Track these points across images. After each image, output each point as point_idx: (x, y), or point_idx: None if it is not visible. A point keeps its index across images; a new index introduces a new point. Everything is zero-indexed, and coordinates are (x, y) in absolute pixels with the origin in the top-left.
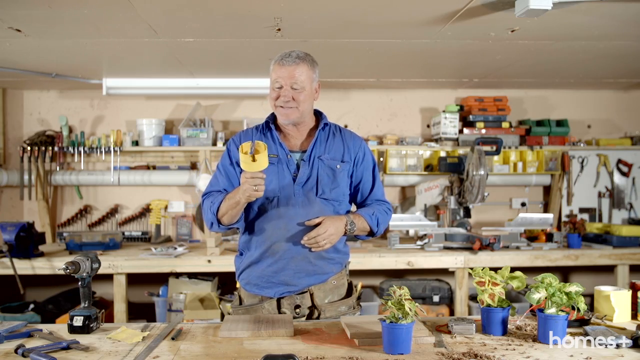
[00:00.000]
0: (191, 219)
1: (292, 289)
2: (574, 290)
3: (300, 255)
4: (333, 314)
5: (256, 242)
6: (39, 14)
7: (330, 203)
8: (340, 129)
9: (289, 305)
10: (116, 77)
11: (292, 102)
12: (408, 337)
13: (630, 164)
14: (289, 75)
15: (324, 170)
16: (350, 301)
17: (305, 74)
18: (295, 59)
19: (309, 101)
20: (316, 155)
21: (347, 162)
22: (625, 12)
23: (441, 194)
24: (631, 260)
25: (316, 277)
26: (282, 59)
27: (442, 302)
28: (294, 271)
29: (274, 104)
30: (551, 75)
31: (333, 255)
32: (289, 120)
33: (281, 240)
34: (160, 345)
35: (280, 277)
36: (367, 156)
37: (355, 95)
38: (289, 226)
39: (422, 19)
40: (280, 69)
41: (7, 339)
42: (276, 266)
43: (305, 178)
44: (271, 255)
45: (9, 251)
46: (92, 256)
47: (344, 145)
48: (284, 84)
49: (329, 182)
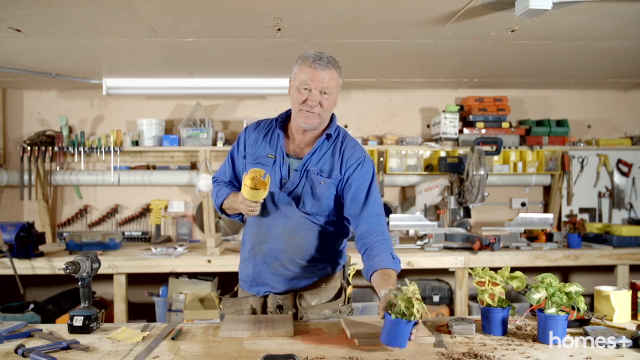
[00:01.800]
0: (191, 219)
1: (275, 290)
2: (574, 290)
3: (277, 261)
4: (316, 317)
5: (246, 240)
6: (39, 14)
7: (310, 217)
8: (343, 140)
9: (272, 305)
10: (116, 77)
11: (318, 107)
12: (407, 333)
13: (630, 164)
14: (321, 80)
15: (309, 184)
16: (336, 305)
17: (335, 80)
18: (327, 63)
19: (331, 108)
20: (309, 167)
21: (335, 178)
22: (625, 12)
23: (441, 194)
24: (631, 260)
25: (296, 282)
26: (313, 62)
27: (442, 302)
28: (273, 274)
29: (298, 107)
30: (551, 75)
31: (316, 262)
32: (308, 125)
33: (261, 243)
34: (160, 345)
35: (262, 278)
36: (364, 172)
37: (355, 95)
38: (268, 232)
39: (422, 19)
40: (312, 72)
41: (7, 339)
42: (258, 268)
43: (291, 188)
44: (254, 256)
45: (9, 251)
46: (92, 256)
47: (341, 159)
48: (314, 88)
49: (310, 197)
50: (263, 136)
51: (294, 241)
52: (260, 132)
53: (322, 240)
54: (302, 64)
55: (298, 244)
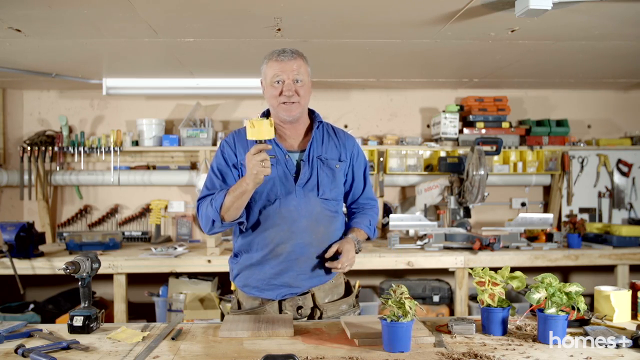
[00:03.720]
0: (191, 219)
1: (295, 290)
2: (574, 290)
3: (304, 257)
4: (335, 313)
5: (258, 244)
6: (39, 14)
7: (330, 203)
8: (333, 128)
9: (291, 307)
10: (116, 77)
11: (295, 96)
12: (408, 335)
13: (630, 164)
14: (290, 69)
15: (323, 170)
16: (350, 299)
17: (304, 68)
18: (292, 54)
19: (308, 96)
20: (315, 155)
21: (344, 161)
22: (625, 12)
23: (441, 194)
24: (631, 260)
25: (318, 279)
26: (278, 56)
27: (442, 302)
28: (297, 273)
29: (276, 101)
30: (551, 75)
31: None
32: (291, 117)
33: (285, 242)
34: (160, 345)
35: (283, 279)
36: (360, 156)
37: (355, 95)
38: (292, 228)
39: (422, 19)
40: (280, 64)
41: (7, 339)
42: (279, 268)
43: (306, 179)
44: (274, 257)
45: (9, 251)
46: (92, 256)
47: (340, 144)
48: (286, 79)
49: (329, 182)
50: (252, 141)
51: (319, 233)
52: (244, 139)
53: (338, 229)
54: (268, 61)
55: (323, 234)
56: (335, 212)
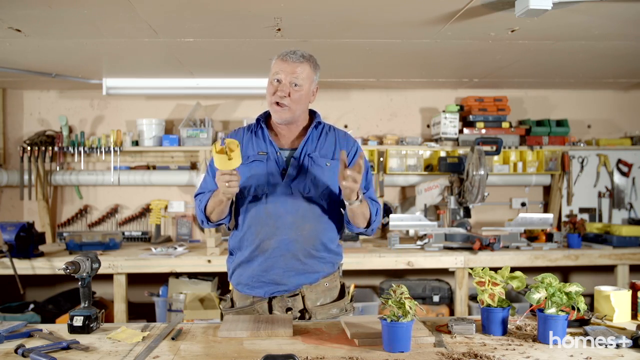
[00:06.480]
0: (191, 219)
1: (282, 288)
2: (574, 290)
3: (290, 253)
4: (324, 317)
5: (246, 240)
6: (39, 14)
7: (319, 201)
8: (334, 129)
9: (281, 307)
10: (116, 77)
11: (286, 99)
12: (408, 335)
13: (630, 164)
14: (291, 71)
15: (313, 168)
16: (342, 303)
17: (307, 73)
18: (300, 57)
19: (303, 102)
20: (306, 153)
21: (338, 159)
22: (625, 12)
23: (441, 194)
24: (631, 260)
25: (306, 276)
26: (286, 55)
27: (442, 302)
28: (284, 269)
29: (270, 99)
30: (551, 75)
31: (324, 254)
32: (280, 120)
33: (270, 237)
34: (160, 345)
35: (270, 275)
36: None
37: (355, 95)
38: (277, 224)
39: (422, 19)
40: (283, 63)
41: (7, 339)
42: (266, 264)
43: (293, 175)
44: (261, 253)
45: (9, 251)
46: (92, 256)
47: (337, 143)
48: (284, 79)
49: (317, 180)
50: (248, 139)
51: (305, 230)
52: (241, 137)
53: (329, 229)
54: (276, 58)
55: (309, 233)
56: (325, 211)
